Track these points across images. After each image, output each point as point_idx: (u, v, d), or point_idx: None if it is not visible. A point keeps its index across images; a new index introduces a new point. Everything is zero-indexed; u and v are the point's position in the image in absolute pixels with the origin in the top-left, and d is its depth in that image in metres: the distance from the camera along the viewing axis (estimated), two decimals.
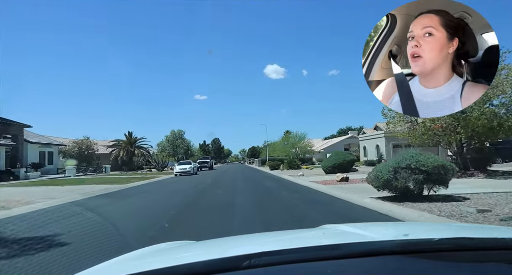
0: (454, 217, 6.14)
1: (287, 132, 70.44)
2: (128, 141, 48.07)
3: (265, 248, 1.07)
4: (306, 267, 0.95)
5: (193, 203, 10.78)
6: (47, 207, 10.06)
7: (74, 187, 17.01)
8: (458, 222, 5.71)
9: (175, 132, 60.89)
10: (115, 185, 18.38)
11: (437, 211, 6.67)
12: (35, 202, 10.80)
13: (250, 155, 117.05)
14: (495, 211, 6.47)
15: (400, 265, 0.95)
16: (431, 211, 6.66)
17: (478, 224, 5.36)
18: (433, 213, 6.48)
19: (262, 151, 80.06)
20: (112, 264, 1.36)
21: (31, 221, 7.95)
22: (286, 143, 54.31)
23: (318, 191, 12.60)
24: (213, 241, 1.72)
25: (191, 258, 1.15)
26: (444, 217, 6.13)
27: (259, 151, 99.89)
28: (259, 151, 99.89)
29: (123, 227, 6.54)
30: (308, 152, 52.91)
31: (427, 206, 7.19)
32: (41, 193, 13.78)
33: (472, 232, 1.43)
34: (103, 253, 4.18)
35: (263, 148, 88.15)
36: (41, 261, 4.14)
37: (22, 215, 8.71)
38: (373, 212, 7.42)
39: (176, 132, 60.61)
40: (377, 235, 1.26)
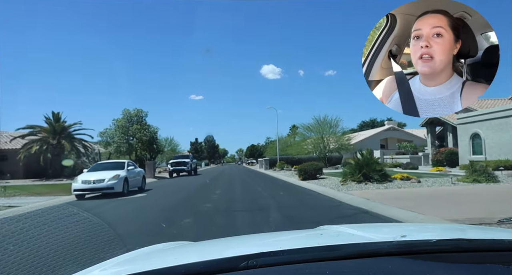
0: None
1: (293, 127, 60.90)
2: (52, 128, 29.00)
3: (263, 248, 1.07)
4: (304, 268, 0.95)
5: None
6: None
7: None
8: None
9: (129, 113, 32.80)
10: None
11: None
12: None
13: (249, 154, 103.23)
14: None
15: (398, 266, 0.95)
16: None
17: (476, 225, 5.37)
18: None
19: (266, 148, 64.82)
20: (111, 265, 1.36)
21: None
22: (313, 134, 34.45)
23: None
24: (211, 241, 1.72)
25: (189, 258, 1.15)
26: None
27: (260, 150, 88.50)
28: (260, 150, 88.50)
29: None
30: (344, 147, 33.49)
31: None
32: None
33: (470, 233, 1.43)
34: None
35: (266, 145, 76.73)
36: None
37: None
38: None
39: (131, 114, 32.80)
40: (374, 236, 1.26)
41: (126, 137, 31.59)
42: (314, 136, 34.12)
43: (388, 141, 42.62)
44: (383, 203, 8.17)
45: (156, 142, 34.27)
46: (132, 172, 15.08)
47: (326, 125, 33.33)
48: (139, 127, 31.52)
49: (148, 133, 31.97)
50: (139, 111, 33.14)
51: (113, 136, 31.29)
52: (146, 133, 31.55)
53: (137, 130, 31.28)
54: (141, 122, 32.41)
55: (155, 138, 33.99)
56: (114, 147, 30.75)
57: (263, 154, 66.15)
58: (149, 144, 32.35)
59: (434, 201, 8.53)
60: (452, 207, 7.44)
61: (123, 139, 31.37)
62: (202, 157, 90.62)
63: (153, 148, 33.77)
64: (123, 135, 31.29)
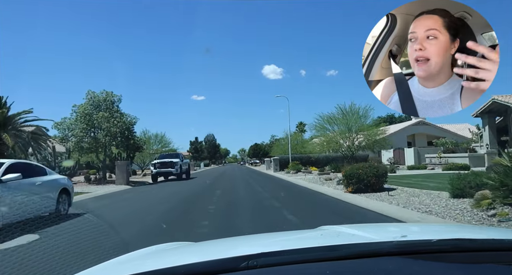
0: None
1: (300, 124, 57.73)
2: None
3: (263, 249, 1.07)
4: (304, 268, 0.95)
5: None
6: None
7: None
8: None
9: (97, 96, 23.87)
10: None
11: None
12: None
13: (252, 154, 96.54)
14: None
15: (398, 266, 0.95)
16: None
17: (476, 225, 5.36)
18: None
19: (272, 147, 57.63)
20: (111, 265, 1.36)
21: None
22: (335, 127, 25.79)
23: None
24: (211, 242, 1.72)
25: (190, 259, 1.15)
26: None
27: (264, 149, 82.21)
28: (264, 149, 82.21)
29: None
30: (378, 143, 26.10)
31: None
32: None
33: (470, 233, 1.43)
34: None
35: (272, 144, 69.45)
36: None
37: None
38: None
39: (99, 98, 23.93)
40: (375, 236, 1.26)
41: (92, 129, 22.78)
42: (336, 130, 25.99)
43: (416, 137, 36.10)
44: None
45: (132, 136, 24.71)
46: (18, 187, 7.10)
47: (353, 115, 25.09)
48: (107, 115, 22.38)
49: (121, 124, 22.71)
50: (108, 94, 23.69)
51: (73, 128, 22.48)
52: (116, 123, 22.45)
53: (104, 119, 22.15)
54: (111, 110, 23.24)
55: (131, 131, 24.46)
56: (74, 142, 22.37)
57: (268, 153, 60.43)
58: (125, 138, 23.50)
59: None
60: None
61: (87, 131, 22.54)
62: (202, 157, 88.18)
63: (129, 144, 24.40)
64: (87, 126, 22.39)
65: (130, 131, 24.35)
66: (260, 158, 78.88)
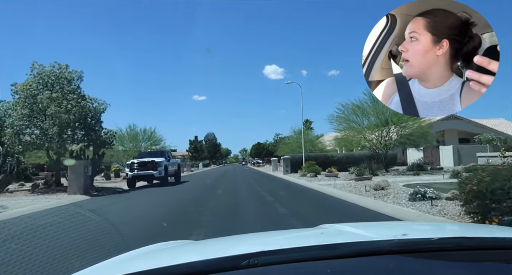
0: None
1: (307, 122, 54.41)
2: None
3: (263, 247, 1.07)
4: (305, 267, 0.95)
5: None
6: None
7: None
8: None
9: (44, 71, 15.79)
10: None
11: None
12: None
13: (255, 153, 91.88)
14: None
15: (399, 265, 0.95)
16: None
17: (477, 224, 5.35)
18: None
19: (277, 146, 51.50)
20: (110, 264, 1.36)
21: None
22: (364, 120, 21.28)
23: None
24: (211, 240, 1.72)
25: (190, 257, 1.15)
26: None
27: (268, 148, 76.65)
28: (268, 148, 76.65)
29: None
30: (423, 138, 21.13)
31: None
32: None
33: (471, 232, 1.43)
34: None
35: (276, 142, 64.30)
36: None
37: None
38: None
39: (48, 73, 15.73)
40: (375, 234, 1.26)
41: (38, 116, 15.88)
42: (366, 123, 20.93)
43: (446, 134, 30.86)
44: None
45: (99, 127, 17.48)
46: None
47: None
48: (55, 96, 15.19)
49: (77, 109, 15.53)
50: (62, 67, 16.66)
51: (10, 115, 15.98)
52: (70, 108, 15.26)
53: (51, 102, 15.08)
54: (64, 89, 16.05)
55: (97, 120, 17.32)
56: (9, 134, 15.11)
57: (273, 152, 54.74)
58: (85, 129, 16.74)
59: None
60: None
61: (32, 118, 15.72)
62: (202, 157, 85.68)
63: (93, 138, 16.99)
64: (32, 112, 15.60)
65: (96, 120, 17.25)
66: (263, 157, 76.14)
